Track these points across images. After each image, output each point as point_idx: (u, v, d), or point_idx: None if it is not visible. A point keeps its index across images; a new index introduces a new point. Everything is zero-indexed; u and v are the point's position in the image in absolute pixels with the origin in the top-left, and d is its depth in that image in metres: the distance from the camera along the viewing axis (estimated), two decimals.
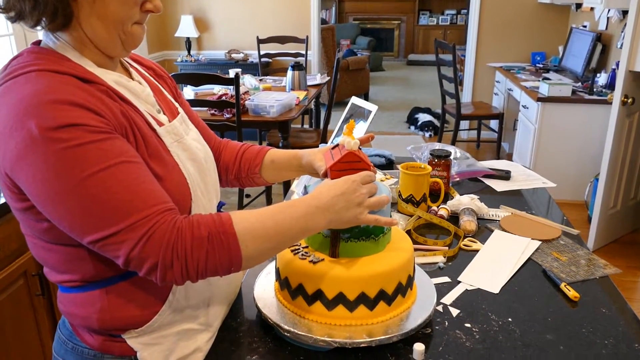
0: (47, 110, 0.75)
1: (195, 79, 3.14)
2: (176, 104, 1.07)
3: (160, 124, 0.95)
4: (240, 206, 3.46)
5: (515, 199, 1.74)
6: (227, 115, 3.32)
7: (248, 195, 4.07)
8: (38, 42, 0.90)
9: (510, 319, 1.10)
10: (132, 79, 0.98)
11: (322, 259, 1.00)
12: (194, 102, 3.28)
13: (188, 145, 1.00)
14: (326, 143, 2.10)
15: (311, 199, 0.92)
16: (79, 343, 0.97)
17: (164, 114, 1.00)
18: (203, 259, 0.82)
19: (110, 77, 0.90)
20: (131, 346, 0.94)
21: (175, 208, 0.85)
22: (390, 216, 1.07)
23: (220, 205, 1.10)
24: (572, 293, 1.17)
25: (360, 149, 1.03)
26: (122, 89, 0.91)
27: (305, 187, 1.06)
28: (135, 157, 0.83)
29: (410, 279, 1.05)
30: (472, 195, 1.60)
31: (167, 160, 0.91)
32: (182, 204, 0.91)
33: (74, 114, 0.77)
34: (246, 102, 3.34)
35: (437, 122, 6.07)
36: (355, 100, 1.99)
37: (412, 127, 6.31)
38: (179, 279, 0.82)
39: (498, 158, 4.83)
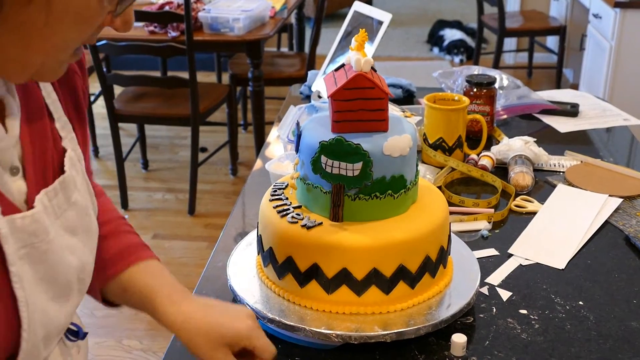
0: None
1: None
2: (68, 146, 0.88)
3: (7, 208, 0.76)
4: (195, 164, 3.46)
5: (586, 142, 1.76)
6: (173, 34, 3.28)
7: (204, 149, 4.07)
8: None
9: (581, 303, 1.13)
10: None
11: (320, 223, 1.02)
12: None
13: (51, 249, 0.81)
14: (315, 71, 2.09)
15: None
16: None
17: (24, 177, 0.81)
18: None
19: None
20: None
21: None
22: (417, 167, 1.07)
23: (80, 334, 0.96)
24: None
25: (374, 70, 1.04)
26: None
27: (297, 125, 1.07)
28: None
29: (443, 253, 1.07)
30: (525, 138, 1.62)
31: None
32: None
33: None
34: (199, 14, 3.30)
35: (470, 42, 6.05)
36: (358, 6, 1.98)
37: (436, 49, 6.29)
38: None
39: (559, 89, 4.85)
